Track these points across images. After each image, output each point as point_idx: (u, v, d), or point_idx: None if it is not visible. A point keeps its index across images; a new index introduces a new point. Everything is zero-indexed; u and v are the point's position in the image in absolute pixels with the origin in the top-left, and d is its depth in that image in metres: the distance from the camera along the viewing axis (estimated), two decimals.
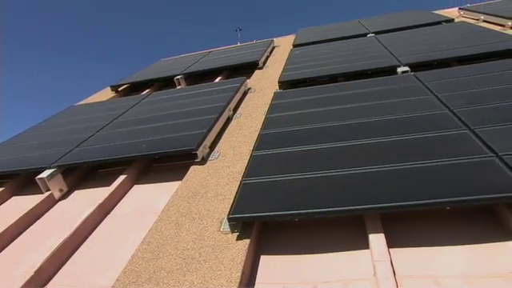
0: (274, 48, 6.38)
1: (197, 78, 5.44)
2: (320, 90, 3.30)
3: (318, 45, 5.45)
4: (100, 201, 2.38)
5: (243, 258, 1.61)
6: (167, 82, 5.34)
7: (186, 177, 2.44)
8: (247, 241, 1.71)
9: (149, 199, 2.48)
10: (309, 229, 1.84)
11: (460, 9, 6.30)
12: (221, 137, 2.97)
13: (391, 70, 3.60)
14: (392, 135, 2.19)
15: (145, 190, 2.63)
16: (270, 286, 1.58)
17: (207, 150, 2.69)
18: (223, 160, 2.56)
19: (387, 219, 1.73)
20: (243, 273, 1.56)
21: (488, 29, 4.51)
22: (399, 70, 3.54)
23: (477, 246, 1.57)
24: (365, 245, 1.64)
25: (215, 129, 2.92)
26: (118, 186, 2.56)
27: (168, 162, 2.88)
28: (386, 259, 1.49)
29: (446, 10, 6.81)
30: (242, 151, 2.60)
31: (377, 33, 5.59)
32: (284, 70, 4.18)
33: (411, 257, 1.58)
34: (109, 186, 2.61)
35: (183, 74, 5.17)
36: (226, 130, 3.08)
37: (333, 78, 3.77)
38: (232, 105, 3.44)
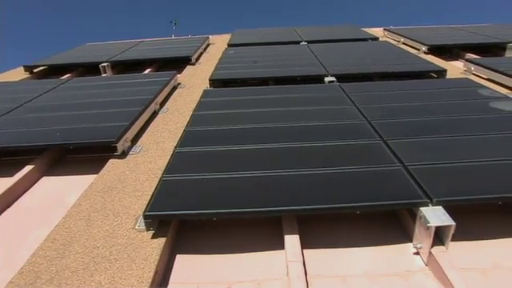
0: (208, 45, 6.33)
1: (124, 67, 5.16)
2: (249, 92, 3.34)
3: (253, 47, 5.52)
4: None
5: (157, 257, 1.56)
6: (91, 69, 4.97)
7: (102, 170, 2.30)
8: (163, 239, 1.66)
9: (59, 193, 2.28)
10: (227, 229, 1.85)
11: (385, 29, 6.87)
12: (145, 131, 2.85)
13: (319, 79, 3.78)
14: (313, 141, 2.29)
15: (55, 183, 2.41)
16: (183, 285, 1.55)
17: (128, 144, 2.56)
18: (145, 155, 2.46)
19: (303, 221, 1.80)
20: (156, 272, 1.51)
21: (406, 51, 4.97)
22: (326, 79, 3.73)
23: (381, 248, 1.70)
24: (281, 245, 1.68)
25: (139, 122, 2.80)
26: (23, 177, 2.32)
27: (84, 154, 2.68)
28: (298, 259, 1.54)
29: (372, 29, 7.35)
30: (166, 147, 2.53)
31: (309, 42, 5.83)
32: (216, 69, 4.16)
33: (323, 257, 1.66)
34: (12, 176, 2.35)
35: (110, 62, 4.87)
36: (151, 125, 2.96)
37: (263, 81, 3.84)
38: (159, 99, 3.33)
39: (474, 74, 4.09)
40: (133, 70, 5.00)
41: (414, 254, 1.64)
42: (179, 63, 4.93)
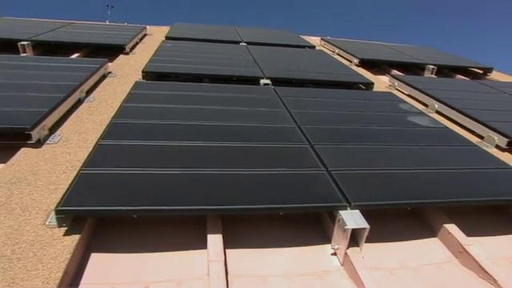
0: (145, 36, 6.07)
1: (49, 48, 4.71)
2: (183, 87, 3.26)
3: (192, 42, 5.41)
4: None
5: (68, 256, 1.44)
6: (7, 47, 4.44)
7: (11, 160, 2.07)
8: (76, 237, 1.54)
9: None
10: (148, 227, 1.77)
11: (322, 39, 7.18)
12: (66, 120, 2.63)
13: (255, 80, 3.82)
14: (242, 141, 2.30)
15: None
16: (96, 286, 1.45)
17: (46, 132, 2.34)
18: (64, 146, 2.27)
19: (227, 221, 1.80)
20: (66, 273, 1.40)
21: (340, 61, 5.24)
22: (262, 81, 3.78)
23: (302, 248, 1.76)
24: (203, 245, 1.65)
25: (60, 109, 2.58)
26: None
27: None
28: (220, 259, 1.53)
29: (310, 37, 7.64)
30: (89, 138, 2.36)
31: (249, 43, 5.88)
32: (151, 61, 3.99)
33: (245, 257, 1.67)
34: None
35: (31, 41, 4.42)
36: (74, 114, 2.75)
37: (199, 78, 3.78)
38: (86, 86, 3.11)
39: (397, 89, 4.44)
40: (58, 53, 4.60)
41: (332, 254, 1.73)
42: (112, 51, 4.65)
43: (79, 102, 2.93)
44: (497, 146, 2.96)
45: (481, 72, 6.04)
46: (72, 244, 1.50)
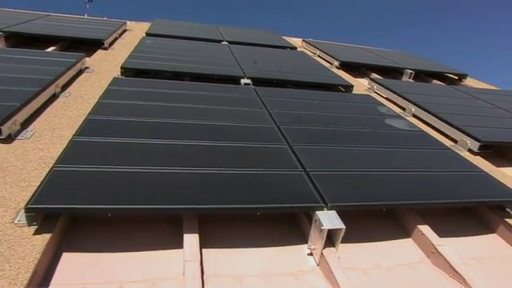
0: (125, 31, 5.95)
1: (22, 40, 4.54)
2: (163, 85, 3.21)
3: (172, 39, 5.34)
4: None
5: (38, 256, 1.39)
6: None
7: None
8: (47, 236, 1.49)
9: None
10: (123, 226, 1.74)
11: (303, 40, 7.23)
12: (40, 115, 2.55)
13: (236, 80, 3.81)
14: (221, 140, 2.29)
15: None
16: (67, 286, 1.41)
17: (17, 128, 2.26)
18: (37, 141, 2.20)
19: (204, 220, 1.78)
20: (35, 273, 1.35)
21: (320, 63, 5.29)
22: (242, 81, 3.77)
23: (279, 248, 1.77)
24: (180, 245, 1.63)
25: (33, 104, 2.49)
26: None
27: None
28: (196, 259, 1.52)
29: (292, 38, 7.68)
30: (64, 135, 2.29)
31: (231, 42, 5.86)
32: (130, 57, 3.92)
33: (221, 257, 1.66)
34: None
35: (3, 32, 4.25)
36: (49, 109, 2.66)
37: (179, 76, 3.74)
38: (61, 81, 3.02)
39: (375, 92, 4.52)
40: (33, 46, 4.44)
41: (308, 254, 1.74)
42: (90, 45, 4.54)
43: (54, 97, 2.85)
44: (469, 150, 3.05)
45: (456, 78, 6.23)
46: (42, 243, 1.45)
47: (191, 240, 1.60)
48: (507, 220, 2.10)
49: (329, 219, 1.63)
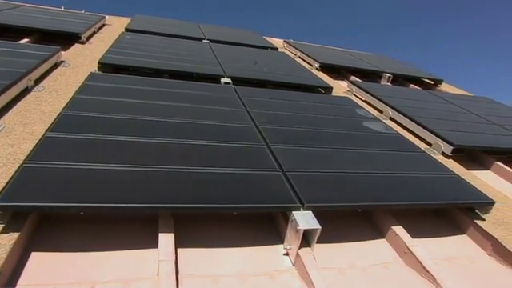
0: (104, 25, 5.83)
1: None
2: (141, 82, 3.16)
3: (153, 36, 5.26)
4: None
5: (4, 256, 1.34)
6: None
7: None
8: (15, 235, 1.44)
9: None
10: (96, 225, 1.70)
11: (285, 41, 7.26)
12: (11, 109, 2.46)
13: (215, 79, 3.79)
14: (199, 139, 2.26)
15: None
16: (35, 286, 1.37)
17: None
18: (7, 137, 2.12)
19: (180, 220, 1.76)
20: (0, 273, 1.30)
21: (301, 65, 5.32)
22: (223, 80, 3.75)
23: (255, 248, 1.77)
24: (155, 244, 1.61)
25: (3, 98, 2.39)
26: None
27: None
28: (170, 259, 1.49)
29: (274, 39, 7.71)
30: (36, 130, 2.22)
31: (212, 41, 5.82)
32: (108, 52, 3.83)
33: (197, 257, 1.65)
34: None
35: None
36: (20, 103, 2.57)
37: (158, 73, 3.68)
38: (34, 75, 2.92)
39: (354, 95, 4.59)
40: (4, 37, 4.27)
41: (284, 254, 1.74)
42: (66, 39, 4.41)
43: (26, 91, 2.75)
44: (443, 153, 3.14)
45: (432, 83, 6.40)
46: (9, 243, 1.40)
47: (166, 239, 1.58)
48: (476, 221, 2.17)
49: (305, 219, 1.64)
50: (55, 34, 4.46)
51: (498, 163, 3.16)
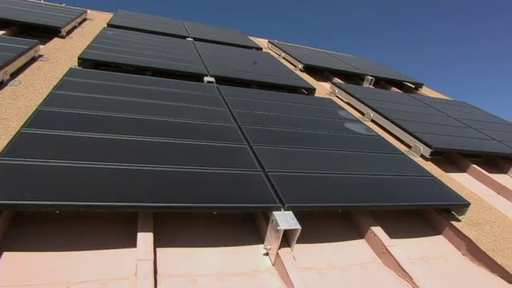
0: (85, 20, 5.71)
1: None
2: (122, 78, 3.10)
3: (136, 32, 5.18)
4: None
5: None
6: None
7: None
8: None
9: None
10: (72, 224, 1.66)
11: (269, 42, 7.27)
12: None
13: (199, 77, 3.76)
14: (181, 138, 2.24)
15: None
16: None
17: None
18: None
19: (160, 219, 1.74)
20: None
21: (285, 65, 5.34)
22: (206, 79, 3.73)
23: (235, 248, 1.76)
24: (133, 244, 1.58)
25: None
26: None
27: None
28: (149, 258, 1.47)
29: (258, 39, 7.71)
30: (10, 125, 2.15)
31: (195, 39, 5.78)
32: (89, 47, 3.75)
33: (177, 256, 1.63)
34: None
35: None
36: None
37: (140, 70, 3.63)
38: (10, 68, 2.83)
39: (337, 96, 4.64)
40: None
41: (264, 254, 1.74)
42: (45, 32, 4.30)
43: (2, 85, 2.67)
44: (422, 156, 3.20)
45: (413, 86, 6.53)
46: None
47: (145, 239, 1.55)
48: (452, 222, 2.23)
49: (285, 219, 1.64)
50: (34, 28, 4.35)
51: (474, 166, 3.25)
